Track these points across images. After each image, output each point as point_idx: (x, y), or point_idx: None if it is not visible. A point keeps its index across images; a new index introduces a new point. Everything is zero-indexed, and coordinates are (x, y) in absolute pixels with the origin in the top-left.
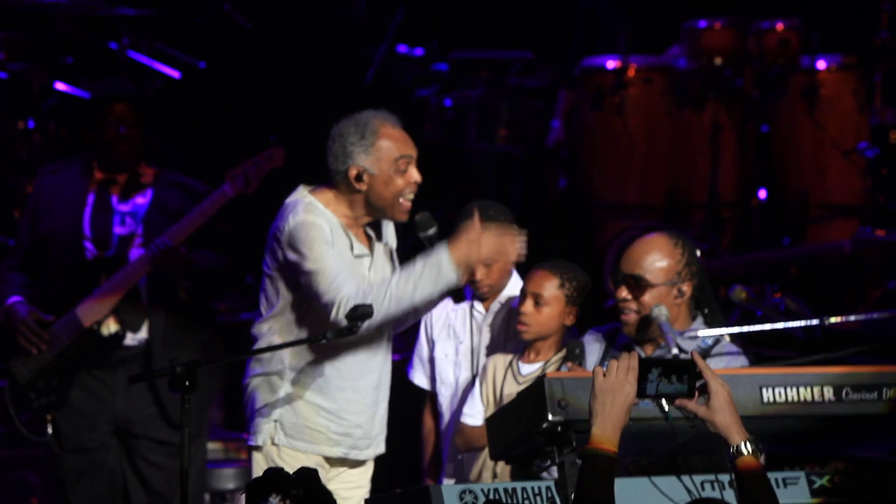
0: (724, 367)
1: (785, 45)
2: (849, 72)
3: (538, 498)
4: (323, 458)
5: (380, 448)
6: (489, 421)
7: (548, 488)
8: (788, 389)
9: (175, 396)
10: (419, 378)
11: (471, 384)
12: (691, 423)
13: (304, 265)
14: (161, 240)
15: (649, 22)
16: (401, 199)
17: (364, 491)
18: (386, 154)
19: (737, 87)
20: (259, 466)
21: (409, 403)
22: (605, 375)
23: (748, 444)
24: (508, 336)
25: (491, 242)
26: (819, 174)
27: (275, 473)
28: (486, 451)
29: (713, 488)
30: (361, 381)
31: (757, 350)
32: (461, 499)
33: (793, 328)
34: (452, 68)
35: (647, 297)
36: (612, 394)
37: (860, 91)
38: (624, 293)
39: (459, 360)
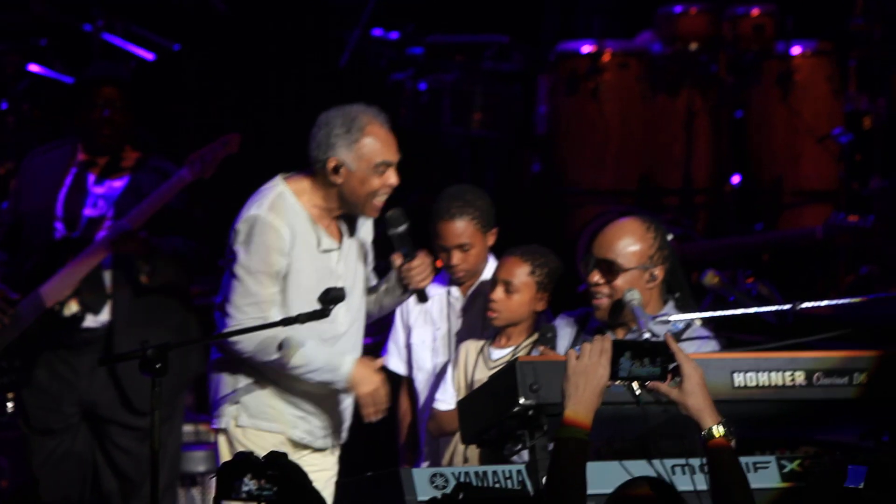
0: (695, 352)
1: (760, 30)
2: (823, 58)
3: (509, 482)
4: (286, 438)
5: (340, 439)
6: (461, 404)
7: (518, 472)
8: (760, 374)
9: (141, 379)
10: (395, 363)
11: (445, 370)
12: (663, 408)
13: (235, 265)
14: (119, 223)
15: (623, 5)
16: (374, 199)
17: (329, 474)
18: (367, 154)
19: (711, 73)
20: (224, 449)
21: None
22: (577, 358)
23: (720, 428)
24: (484, 321)
25: (413, 274)
26: (793, 160)
27: (245, 456)
28: (457, 436)
29: (684, 472)
30: None
31: (729, 335)
32: (432, 482)
33: (765, 313)
34: (427, 52)
35: (620, 282)
36: (585, 376)
37: (834, 77)
38: (596, 277)
39: (437, 346)
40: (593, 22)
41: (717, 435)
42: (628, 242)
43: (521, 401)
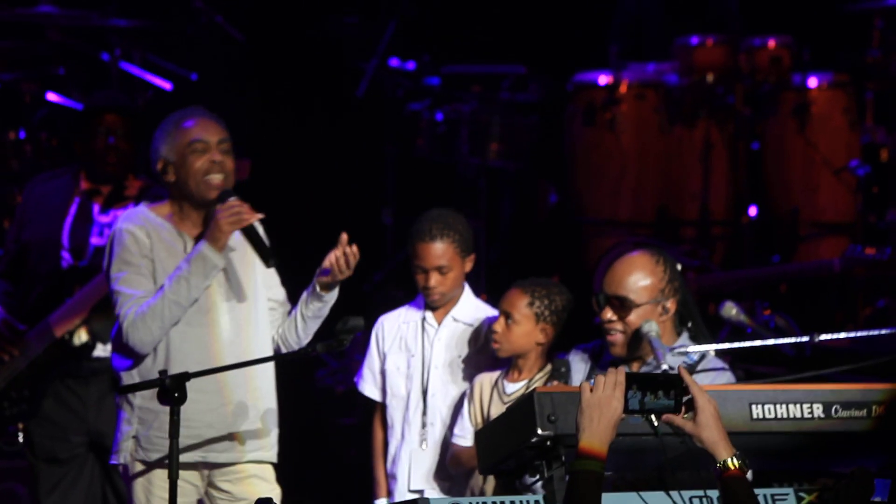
0: (710, 383)
1: (776, 62)
2: (840, 90)
3: None
4: (192, 464)
5: (258, 453)
6: (478, 435)
7: (536, 502)
8: (778, 406)
9: None
10: (370, 389)
11: (421, 398)
12: (681, 439)
13: (108, 282)
14: None
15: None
16: (205, 180)
17: (268, 486)
18: (180, 139)
19: (728, 105)
20: (137, 482)
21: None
22: (591, 391)
23: (735, 460)
24: (463, 353)
25: (227, 215)
26: (810, 192)
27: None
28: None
29: None
30: (205, 379)
31: (747, 366)
32: None
33: (782, 345)
34: (444, 82)
35: (633, 317)
36: (600, 409)
37: (851, 109)
38: (609, 314)
39: (411, 373)
40: (611, 51)
41: (731, 467)
42: (639, 277)
43: (539, 431)
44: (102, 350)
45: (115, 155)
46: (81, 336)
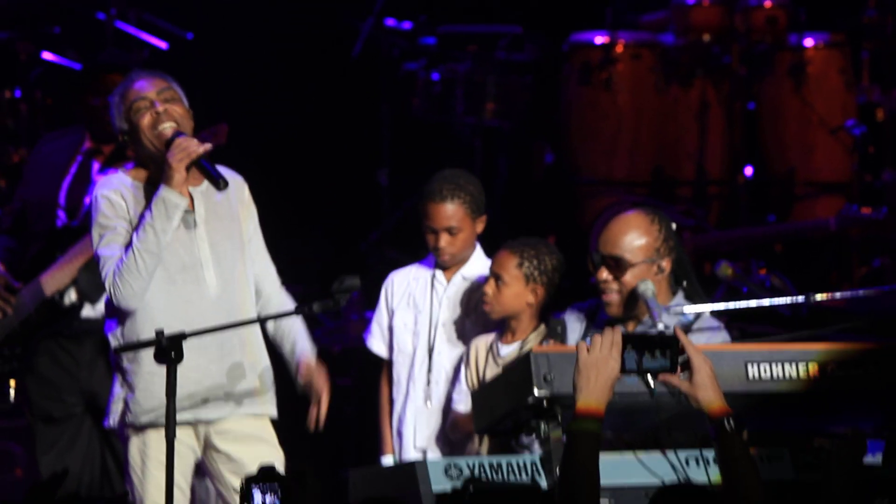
0: (706, 342)
1: (772, 22)
2: (836, 49)
3: (523, 472)
4: (187, 423)
5: (253, 407)
6: (475, 396)
7: (533, 463)
8: (774, 366)
9: None
10: (377, 346)
11: (426, 355)
12: (676, 399)
13: (94, 247)
14: None
15: None
16: (157, 134)
17: (260, 451)
18: (125, 105)
19: (724, 64)
20: (133, 445)
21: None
22: (588, 350)
23: (731, 419)
24: (469, 311)
25: (176, 152)
26: (806, 152)
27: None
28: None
29: (698, 464)
30: (198, 339)
31: (742, 326)
32: (446, 472)
33: (778, 305)
34: (440, 42)
35: (628, 277)
36: (597, 369)
37: (847, 69)
38: (604, 274)
39: (418, 329)
40: (607, 11)
41: (727, 426)
42: (634, 237)
43: (536, 391)
44: (91, 310)
45: None
46: (71, 295)
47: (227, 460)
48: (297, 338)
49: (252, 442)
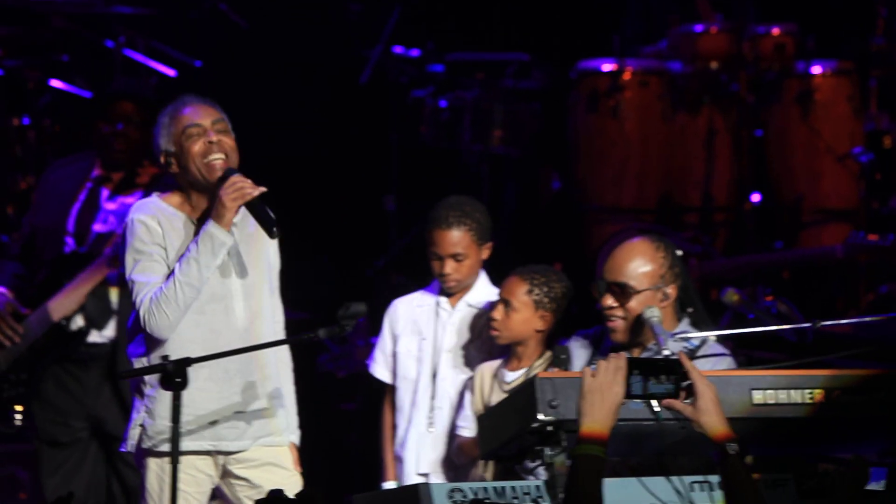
0: (711, 368)
1: (780, 49)
2: (844, 77)
3: (527, 497)
4: (200, 456)
5: (269, 438)
6: (480, 420)
7: (537, 487)
8: (779, 391)
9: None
10: (381, 372)
11: (430, 381)
12: (681, 424)
13: (124, 272)
14: (121, 239)
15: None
16: (206, 163)
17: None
18: (175, 128)
19: (732, 92)
20: (151, 472)
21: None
22: (593, 376)
23: (734, 444)
24: (474, 338)
25: (230, 192)
26: (813, 179)
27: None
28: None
29: (702, 489)
30: (216, 367)
31: (748, 352)
32: (450, 497)
33: (784, 331)
34: (448, 69)
35: (633, 304)
36: (601, 394)
37: (855, 96)
38: (609, 301)
39: (422, 356)
40: (615, 40)
41: (731, 451)
42: (639, 264)
43: (540, 417)
44: (98, 335)
45: (124, 142)
46: (78, 321)
47: (249, 487)
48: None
49: (270, 468)
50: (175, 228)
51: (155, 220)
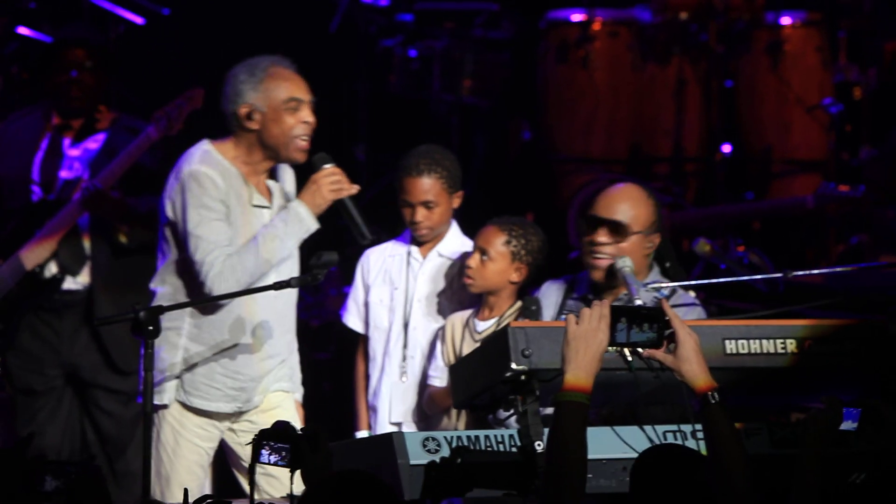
0: (682, 318)
1: (750, 0)
2: (813, 28)
3: (501, 446)
4: (217, 413)
5: (286, 383)
6: (452, 370)
7: (511, 436)
8: (751, 342)
9: (123, 342)
10: (353, 321)
11: (402, 331)
12: (655, 374)
13: (185, 224)
14: (90, 183)
15: None
16: (294, 139)
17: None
18: (274, 93)
19: (701, 42)
20: (168, 425)
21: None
22: (577, 323)
23: (715, 393)
24: (446, 287)
25: (329, 182)
26: (783, 130)
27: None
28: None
29: (676, 438)
30: (260, 330)
31: (720, 302)
32: (424, 446)
33: (756, 281)
34: (417, 19)
35: (626, 245)
36: (586, 341)
37: (824, 47)
38: (602, 237)
39: (394, 305)
40: None
41: (712, 399)
42: (635, 205)
43: (514, 366)
44: (72, 282)
45: (79, 89)
46: (51, 268)
47: (250, 432)
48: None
49: (275, 413)
50: (233, 186)
51: (219, 175)
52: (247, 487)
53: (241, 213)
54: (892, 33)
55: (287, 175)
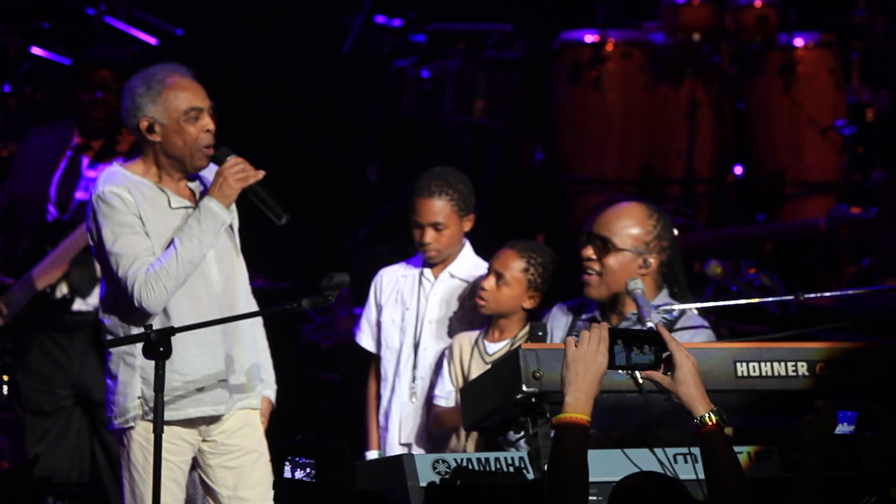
0: (689, 340)
1: (762, 21)
2: (826, 49)
3: (511, 468)
4: (190, 424)
5: (252, 400)
6: (463, 391)
7: (521, 458)
8: (762, 364)
9: None
10: (366, 341)
11: (412, 351)
12: (665, 396)
13: (103, 246)
14: None
15: None
16: (199, 150)
17: (254, 441)
18: (174, 104)
19: (714, 64)
20: (136, 444)
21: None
22: (576, 346)
23: (712, 415)
24: (456, 309)
25: (234, 172)
26: (795, 151)
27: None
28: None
29: (686, 461)
30: (206, 335)
31: (732, 325)
32: (434, 468)
33: (767, 303)
34: (430, 39)
35: (611, 261)
36: (585, 363)
37: (837, 69)
38: (589, 252)
39: (405, 326)
40: (598, 11)
41: (709, 422)
42: (627, 224)
43: (524, 388)
44: (83, 304)
45: (103, 110)
46: (62, 289)
47: (220, 453)
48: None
49: (246, 431)
50: (146, 197)
51: (126, 190)
52: None
53: (160, 221)
54: None
55: (210, 172)
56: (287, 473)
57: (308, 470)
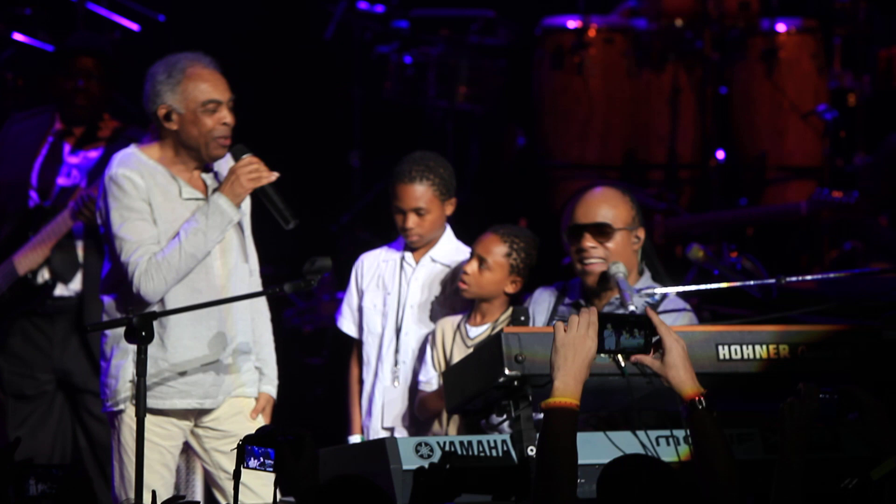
0: (671, 324)
1: (745, 7)
2: (808, 35)
3: (493, 451)
4: (179, 412)
5: (245, 389)
6: (446, 375)
7: (503, 442)
8: (744, 347)
9: None
10: (347, 326)
11: (394, 336)
12: (648, 379)
13: (110, 228)
14: (84, 193)
15: None
16: (213, 140)
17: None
18: (192, 94)
19: (697, 49)
20: (127, 427)
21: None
22: (566, 330)
23: (703, 399)
24: (438, 293)
25: (247, 172)
26: (777, 136)
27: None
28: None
29: (668, 443)
30: (199, 326)
31: (713, 308)
32: (417, 451)
33: (749, 287)
34: (413, 25)
35: (612, 243)
36: (574, 348)
37: (819, 54)
38: (589, 242)
39: (387, 310)
40: None
41: (699, 406)
42: (613, 205)
43: (507, 371)
44: (64, 289)
45: (85, 97)
46: (44, 274)
47: (216, 437)
48: (264, 364)
49: (238, 419)
50: (158, 184)
51: (139, 175)
52: (220, 497)
53: (170, 209)
54: (887, 40)
55: (225, 166)
56: (250, 462)
57: (266, 460)
